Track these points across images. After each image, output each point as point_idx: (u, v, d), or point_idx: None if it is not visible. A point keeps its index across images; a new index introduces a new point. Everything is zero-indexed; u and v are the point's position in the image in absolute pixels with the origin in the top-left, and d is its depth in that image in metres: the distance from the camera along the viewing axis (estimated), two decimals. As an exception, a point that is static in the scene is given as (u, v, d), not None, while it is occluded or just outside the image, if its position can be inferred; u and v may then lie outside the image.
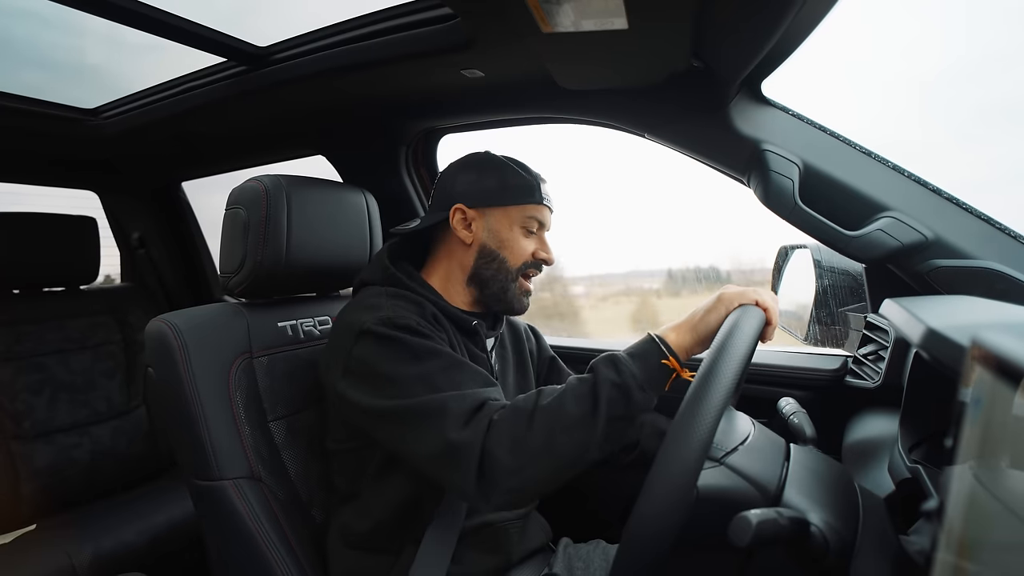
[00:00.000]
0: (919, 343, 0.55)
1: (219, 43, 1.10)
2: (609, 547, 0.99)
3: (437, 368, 0.76)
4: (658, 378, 0.73)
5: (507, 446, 0.68)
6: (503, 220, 0.93)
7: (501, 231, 0.93)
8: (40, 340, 1.59)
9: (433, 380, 0.75)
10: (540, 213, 0.94)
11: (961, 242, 0.87)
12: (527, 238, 0.94)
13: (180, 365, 0.86)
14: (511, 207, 0.93)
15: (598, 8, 0.70)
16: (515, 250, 0.93)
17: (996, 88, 1.49)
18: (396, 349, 0.77)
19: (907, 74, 1.58)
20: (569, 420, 0.68)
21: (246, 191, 0.96)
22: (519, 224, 0.93)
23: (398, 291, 0.89)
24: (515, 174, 0.93)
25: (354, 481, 0.87)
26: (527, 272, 0.95)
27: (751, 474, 0.66)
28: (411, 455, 0.74)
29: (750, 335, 0.65)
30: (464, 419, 0.71)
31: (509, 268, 0.93)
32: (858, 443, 0.96)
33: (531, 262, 0.95)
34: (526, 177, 0.93)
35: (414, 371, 0.75)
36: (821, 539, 0.57)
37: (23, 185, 1.84)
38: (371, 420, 0.78)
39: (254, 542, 0.84)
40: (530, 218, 0.93)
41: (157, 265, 2.10)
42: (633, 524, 0.55)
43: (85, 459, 1.59)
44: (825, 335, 1.17)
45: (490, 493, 0.68)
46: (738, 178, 1.05)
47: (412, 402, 0.73)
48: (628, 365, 0.72)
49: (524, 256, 0.94)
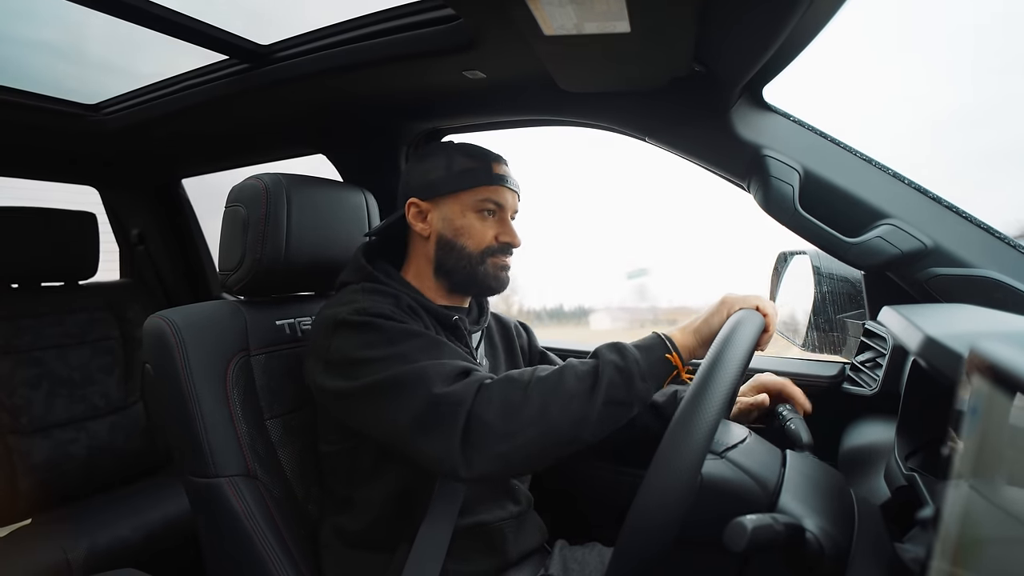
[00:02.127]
0: (917, 351, 0.55)
1: (221, 41, 1.10)
2: (605, 549, 0.98)
3: (416, 347, 0.76)
4: (659, 372, 0.73)
5: (498, 410, 0.67)
6: (455, 207, 0.92)
7: (455, 219, 0.92)
8: (38, 335, 1.59)
9: (411, 355, 0.74)
10: (494, 195, 0.92)
11: (960, 251, 0.87)
12: (485, 222, 0.92)
13: (178, 362, 0.86)
14: (461, 193, 0.91)
15: (600, 11, 0.70)
16: (474, 236, 0.92)
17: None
18: (372, 334, 0.77)
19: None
20: (567, 394, 0.68)
21: (246, 189, 0.96)
22: (472, 209, 0.92)
23: (374, 286, 0.88)
24: (461, 159, 0.92)
25: (347, 482, 0.87)
26: (494, 256, 0.93)
27: (752, 469, 0.67)
28: (393, 430, 0.73)
29: (748, 337, 0.65)
30: (447, 380, 0.70)
31: (471, 254, 0.92)
32: (855, 450, 0.96)
33: (495, 246, 0.93)
34: (473, 161, 0.92)
35: (390, 351, 0.75)
36: (816, 545, 0.57)
37: (23, 180, 1.84)
38: (351, 404, 0.77)
39: (249, 540, 0.84)
40: (483, 201, 0.91)
41: (156, 262, 2.09)
42: (630, 524, 0.55)
43: (82, 454, 1.58)
44: (823, 342, 1.17)
45: (474, 458, 0.67)
46: (738, 183, 1.05)
47: (389, 373, 0.73)
48: (632, 352, 0.72)
49: (485, 240, 0.92)
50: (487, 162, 0.93)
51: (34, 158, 1.76)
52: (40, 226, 1.61)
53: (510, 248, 0.95)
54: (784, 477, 0.69)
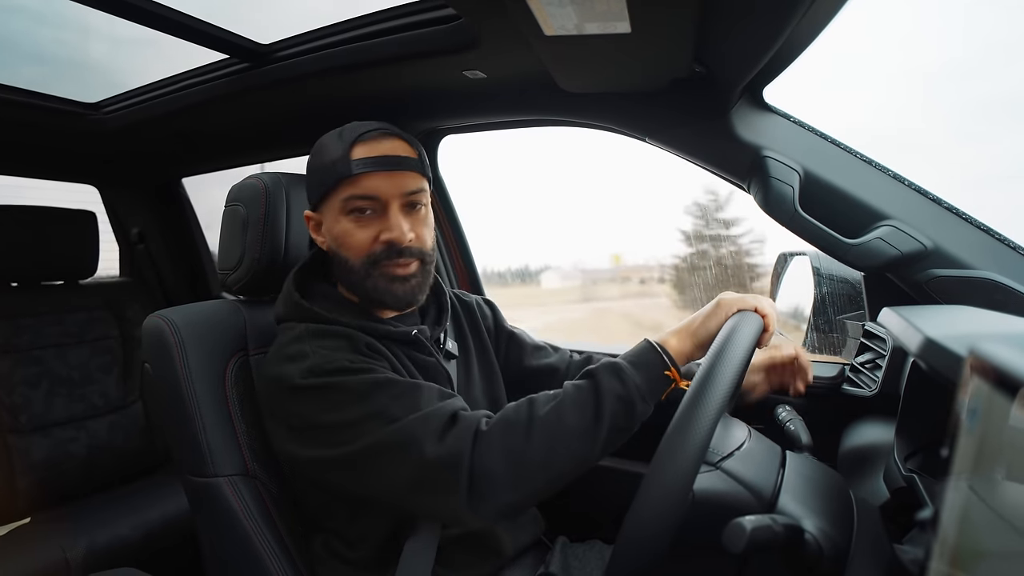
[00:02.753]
0: (916, 352, 0.55)
1: (221, 40, 1.10)
2: (606, 547, 0.98)
3: (390, 399, 0.68)
4: (659, 389, 0.72)
5: (502, 459, 0.64)
6: (330, 214, 0.79)
7: (333, 228, 0.79)
8: (38, 333, 1.59)
9: (388, 412, 0.67)
10: (358, 187, 0.75)
11: (960, 252, 0.87)
12: (362, 224, 0.77)
13: (177, 361, 0.86)
14: (330, 196, 0.78)
15: (601, 11, 0.70)
16: (350, 244, 0.77)
17: (997, 83, 1.48)
18: (335, 396, 0.69)
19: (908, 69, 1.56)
20: (570, 432, 0.66)
21: (246, 188, 0.96)
22: (342, 213, 0.77)
23: (319, 327, 0.77)
24: (326, 151, 0.77)
25: (327, 519, 0.84)
26: (380, 265, 0.78)
27: (747, 479, 0.66)
28: (387, 493, 0.68)
29: (747, 340, 0.65)
30: (438, 435, 0.65)
31: (353, 267, 0.78)
32: (854, 451, 0.96)
33: (379, 251, 0.77)
34: (333, 149, 0.76)
35: (364, 411, 0.68)
36: (815, 546, 0.57)
37: (23, 178, 1.84)
38: (333, 472, 0.71)
39: (248, 539, 0.83)
40: (348, 200, 0.76)
41: (156, 261, 2.09)
42: (628, 528, 0.55)
43: (81, 453, 1.58)
44: (823, 343, 1.17)
45: (481, 508, 0.64)
46: (739, 184, 1.05)
47: (372, 440, 0.66)
48: (631, 375, 0.70)
49: (363, 247, 0.77)
50: (346, 146, 0.75)
51: (34, 157, 1.76)
52: (40, 225, 1.60)
53: (396, 248, 0.77)
54: (783, 478, 0.69)
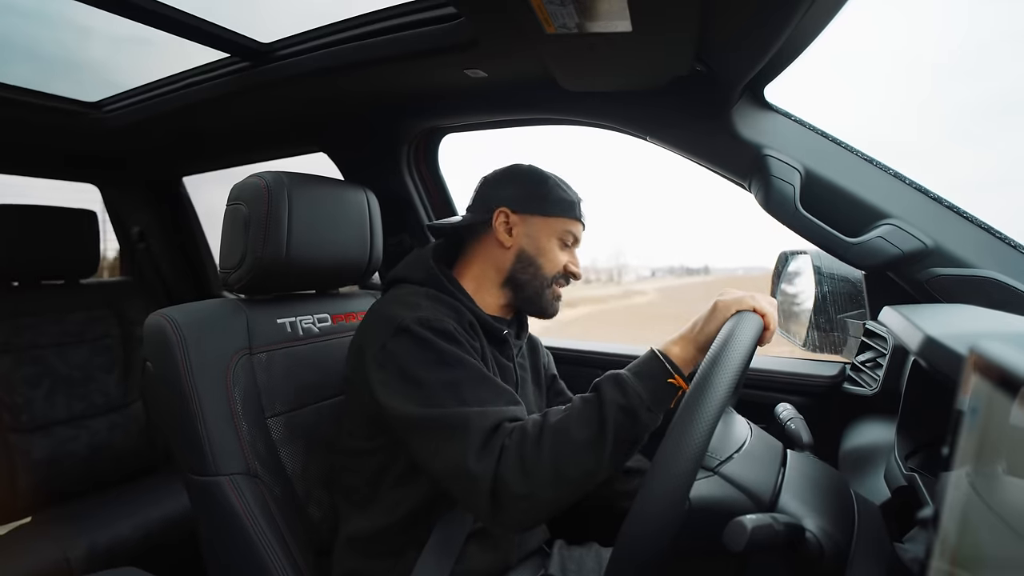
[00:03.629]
0: (917, 351, 0.55)
1: (222, 39, 1.10)
2: (603, 550, 0.99)
3: (464, 378, 0.76)
4: (664, 397, 0.72)
5: (518, 473, 0.67)
6: (544, 229, 0.95)
7: (540, 239, 0.95)
8: (39, 333, 1.59)
9: (460, 390, 0.75)
10: (577, 229, 0.98)
11: (961, 251, 0.87)
12: (562, 251, 0.97)
13: (178, 360, 0.86)
14: (552, 218, 0.95)
15: (602, 10, 0.70)
16: (551, 259, 0.95)
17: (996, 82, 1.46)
18: (428, 351, 0.77)
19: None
20: (576, 445, 0.68)
21: (247, 187, 0.96)
22: (557, 236, 0.96)
23: (437, 294, 0.89)
24: (560, 189, 0.96)
25: (372, 483, 0.86)
26: (557, 283, 0.97)
27: (745, 483, 0.66)
28: (429, 466, 0.74)
29: (745, 343, 0.64)
30: (482, 442, 0.70)
31: (544, 275, 0.95)
32: (855, 450, 0.96)
33: (562, 274, 0.97)
34: (569, 193, 0.97)
35: (443, 377, 0.75)
36: (816, 545, 0.57)
37: (24, 177, 1.85)
38: (395, 423, 0.77)
39: (249, 539, 0.84)
40: (567, 232, 0.96)
41: (157, 260, 2.10)
42: (626, 532, 0.55)
43: (82, 452, 1.59)
44: (824, 341, 1.17)
45: (502, 517, 0.69)
46: (740, 183, 1.06)
47: (436, 413, 0.73)
48: (634, 386, 0.71)
49: (558, 266, 0.96)
50: (579, 199, 0.98)
51: (35, 155, 1.77)
52: (41, 224, 1.61)
53: (571, 278, 0.99)
54: (784, 477, 0.69)
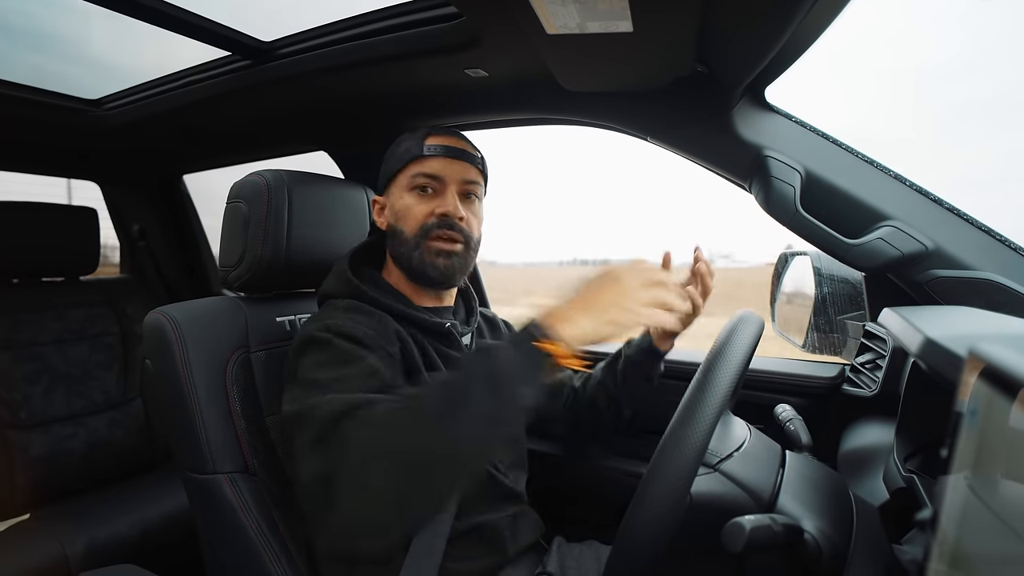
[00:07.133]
0: (917, 353, 0.55)
1: (223, 37, 1.09)
2: (602, 547, 0.99)
3: (351, 375, 0.69)
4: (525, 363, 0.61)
5: (355, 468, 0.58)
6: (396, 192, 0.90)
7: (396, 204, 0.89)
8: (38, 329, 1.59)
9: (334, 385, 0.67)
10: (426, 166, 0.86)
11: (961, 253, 0.87)
12: (423, 200, 0.87)
13: (177, 357, 0.86)
14: (399, 176, 0.89)
15: (603, 10, 0.70)
16: (409, 217, 0.87)
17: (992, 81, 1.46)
18: (324, 353, 0.72)
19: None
20: (421, 422, 0.59)
21: (247, 185, 0.96)
22: (407, 188, 0.87)
23: (358, 304, 0.83)
24: (402, 140, 0.89)
25: None
26: (432, 235, 0.86)
27: (745, 481, 0.66)
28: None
29: (748, 341, 0.64)
30: (319, 434, 0.62)
31: (407, 238, 0.87)
32: (854, 451, 0.96)
33: (431, 223, 0.85)
34: (410, 138, 0.88)
35: (329, 375, 0.69)
36: (814, 546, 0.57)
37: (24, 174, 1.85)
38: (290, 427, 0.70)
39: (248, 537, 0.84)
40: (416, 176, 0.86)
41: (157, 257, 2.10)
42: (626, 529, 0.55)
43: (81, 450, 1.59)
44: (823, 343, 1.17)
45: (337, 522, 0.58)
46: (740, 183, 1.05)
47: (295, 407, 0.68)
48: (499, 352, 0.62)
49: (419, 219, 0.86)
50: (422, 134, 0.88)
51: (36, 153, 1.76)
52: (41, 221, 1.61)
53: (448, 221, 0.85)
54: (783, 478, 0.69)
